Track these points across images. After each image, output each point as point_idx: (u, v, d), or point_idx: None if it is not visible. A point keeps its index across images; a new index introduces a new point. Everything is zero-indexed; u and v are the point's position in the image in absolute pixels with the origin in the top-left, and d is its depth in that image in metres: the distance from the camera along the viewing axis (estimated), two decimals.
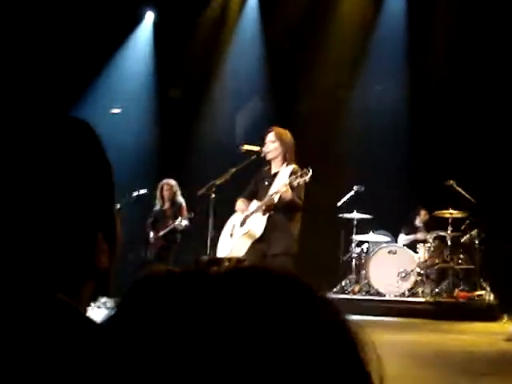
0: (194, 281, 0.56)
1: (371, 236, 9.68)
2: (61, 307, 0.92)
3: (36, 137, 1.00)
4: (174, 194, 9.10)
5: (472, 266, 9.23)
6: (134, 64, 11.55)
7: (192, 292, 0.55)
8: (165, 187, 9.12)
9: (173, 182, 9.13)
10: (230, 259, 0.60)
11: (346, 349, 0.55)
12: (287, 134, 6.00)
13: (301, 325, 0.53)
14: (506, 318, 8.57)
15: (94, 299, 1.05)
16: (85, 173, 0.99)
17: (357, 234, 9.62)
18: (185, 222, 8.82)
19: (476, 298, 8.95)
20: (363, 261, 9.53)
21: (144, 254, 9.03)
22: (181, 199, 9.07)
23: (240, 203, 5.99)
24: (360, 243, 9.78)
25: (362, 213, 9.49)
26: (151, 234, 9.07)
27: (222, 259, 0.60)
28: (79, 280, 0.99)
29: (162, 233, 8.98)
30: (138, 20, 11.67)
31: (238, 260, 0.60)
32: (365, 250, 9.66)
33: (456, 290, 9.07)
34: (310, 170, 5.60)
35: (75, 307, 0.95)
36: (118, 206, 7.31)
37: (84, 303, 1.00)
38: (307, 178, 5.55)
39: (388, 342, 6.69)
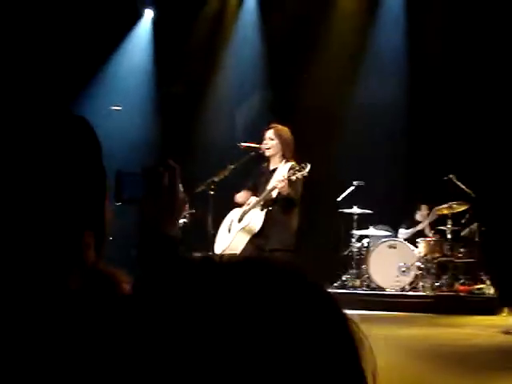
0: (202, 269, 0.58)
1: (371, 231, 9.70)
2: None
3: (31, 132, 1.03)
4: None
5: (472, 260, 9.25)
6: (135, 61, 11.57)
7: (199, 279, 0.57)
8: None
9: None
10: (222, 256, 0.61)
11: (344, 344, 0.56)
12: (287, 131, 6.03)
13: (301, 318, 0.55)
14: (506, 311, 8.60)
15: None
16: (77, 172, 1.04)
17: (357, 229, 9.65)
18: (181, 220, 8.84)
19: (476, 292, 8.97)
20: (363, 256, 9.56)
21: None
22: None
23: (242, 194, 6.04)
24: (360, 238, 9.81)
25: (362, 208, 9.52)
26: None
27: (215, 256, 0.61)
28: (64, 273, 1.03)
29: None
30: (137, 17, 11.69)
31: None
32: (365, 245, 9.68)
33: (456, 284, 9.10)
34: (308, 166, 5.64)
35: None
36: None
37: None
38: (305, 172, 5.59)
39: (386, 336, 6.74)
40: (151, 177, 1.51)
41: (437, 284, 9.11)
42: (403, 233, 9.89)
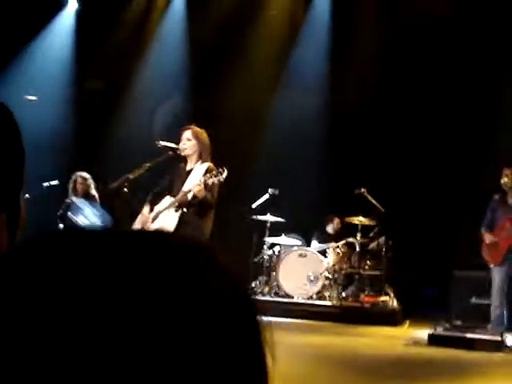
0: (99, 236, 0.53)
1: (283, 239, 9.81)
2: None
3: None
4: (87, 187, 8.93)
5: (378, 273, 9.52)
6: (54, 51, 11.26)
7: (91, 245, 0.51)
8: (78, 180, 8.93)
9: (87, 175, 8.96)
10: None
11: (242, 317, 0.53)
12: (204, 134, 6.04)
13: (196, 288, 0.51)
14: (407, 323, 8.90)
15: None
16: None
17: (269, 236, 9.73)
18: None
19: (380, 304, 9.23)
20: (274, 263, 9.66)
21: None
22: (94, 193, 8.91)
23: (144, 212, 5.95)
24: (272, 245, 9.90)
25: (276, 216, 9.61)
26: (61, 226, 8.87)
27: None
28: None
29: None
30: (60, 7, 11.40)
31: None
32: (276, 253, 9.78)
33: (362, 295, 9.34)
34: (225, 170, 5.64)
35: None
36: (27, 195, 7.11)
37: None
38: (222, 177, 5.60)
39: (294, 343, 6.83)
40: None
41: (343, 294, 9.31)
42: (315, 246, 10.04)
